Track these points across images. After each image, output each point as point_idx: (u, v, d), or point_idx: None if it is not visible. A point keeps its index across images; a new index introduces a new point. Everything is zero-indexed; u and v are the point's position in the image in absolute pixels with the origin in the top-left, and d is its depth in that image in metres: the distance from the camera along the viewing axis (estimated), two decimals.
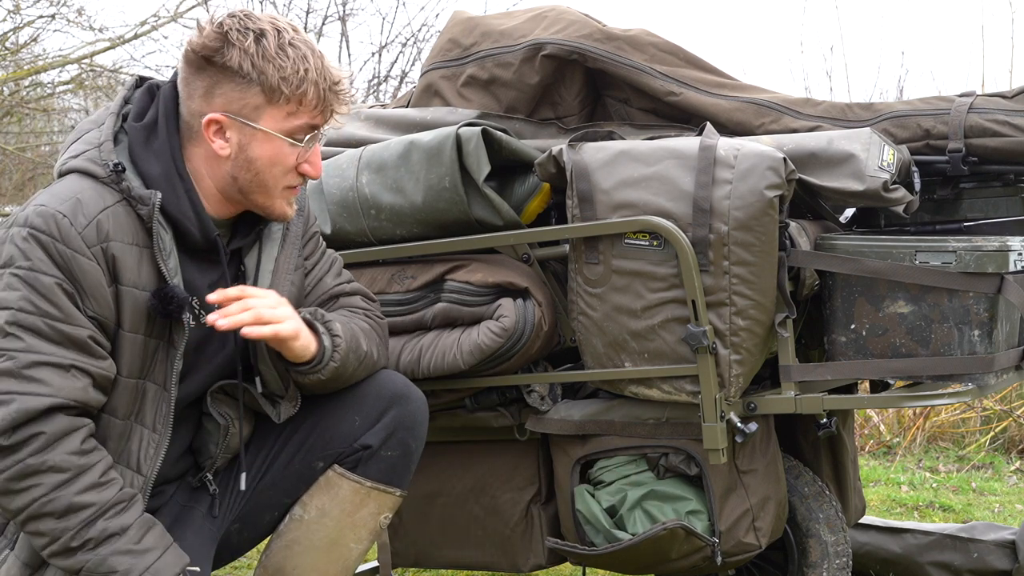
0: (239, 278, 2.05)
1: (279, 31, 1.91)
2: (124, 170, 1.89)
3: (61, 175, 1.93)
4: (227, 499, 2.10)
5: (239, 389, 2.04)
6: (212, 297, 1.92)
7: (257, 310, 1.92)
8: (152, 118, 1.96)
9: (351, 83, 1.97)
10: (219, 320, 1.90)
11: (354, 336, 2.09)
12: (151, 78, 2.05)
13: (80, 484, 1.82)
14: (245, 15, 1.93)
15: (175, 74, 2.00)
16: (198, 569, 1.93)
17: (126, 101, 2.00)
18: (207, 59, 1.91)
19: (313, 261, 2.20)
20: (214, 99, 1.93)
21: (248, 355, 2.06)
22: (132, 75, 2.08)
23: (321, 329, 2.04)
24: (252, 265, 2.06)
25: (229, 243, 2.02)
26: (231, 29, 1.90)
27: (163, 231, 1.90)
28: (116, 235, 1.87)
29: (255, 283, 2.04)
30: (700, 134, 2.43)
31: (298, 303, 2.11)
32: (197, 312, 1.97)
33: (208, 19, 1.93)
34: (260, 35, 1.90)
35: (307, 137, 1.95)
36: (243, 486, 2.07)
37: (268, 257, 2.06)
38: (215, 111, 1.92)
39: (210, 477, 2.07)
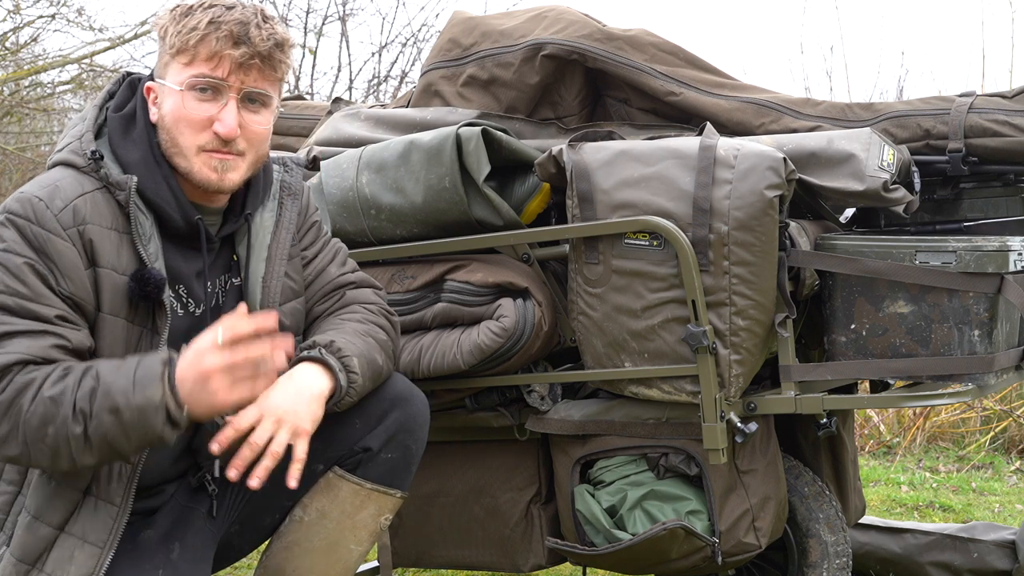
0: (233, 267, 2.05)
1: (211, 2, 1.93)
2: (102, 158, 1.92)
3: (48, 169, 1.96)
4: (227, 500, 2.10)
5: None
6: (214, 448, 1.89)
7: (271, 451, 1.90)
8: (132, 108, 1.99)
9: (275, 36, 1.93)
10: (251, 481, 1.88)
11: (372, 361, 2.06)
12: (136, 73, 2.07)
13: (48, 383, 1.80)
14: None
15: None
16: (176, 353, 1.87)
17: (110, 95, 2.03)
18: None
19: (314, 251, 2.19)
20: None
21: None
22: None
23: (337, 367, 2.00)
24: (243, 253, 2.06)
25: (219, 231, 2.03)
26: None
27: (143, 216, 1.92)
28: (93, 219, 1.88)
29: (247, 271, 2.05)
30: (700, 134, 2.43)
31: (297, 294, 2.12)
32: (185, 300, 1.98)
33: None
34: (189, 5, 1.94)
35: (206, 88, 1.92)
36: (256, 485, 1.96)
37: (260, 244, 2.06)
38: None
39: (209, 478, 2.07)
